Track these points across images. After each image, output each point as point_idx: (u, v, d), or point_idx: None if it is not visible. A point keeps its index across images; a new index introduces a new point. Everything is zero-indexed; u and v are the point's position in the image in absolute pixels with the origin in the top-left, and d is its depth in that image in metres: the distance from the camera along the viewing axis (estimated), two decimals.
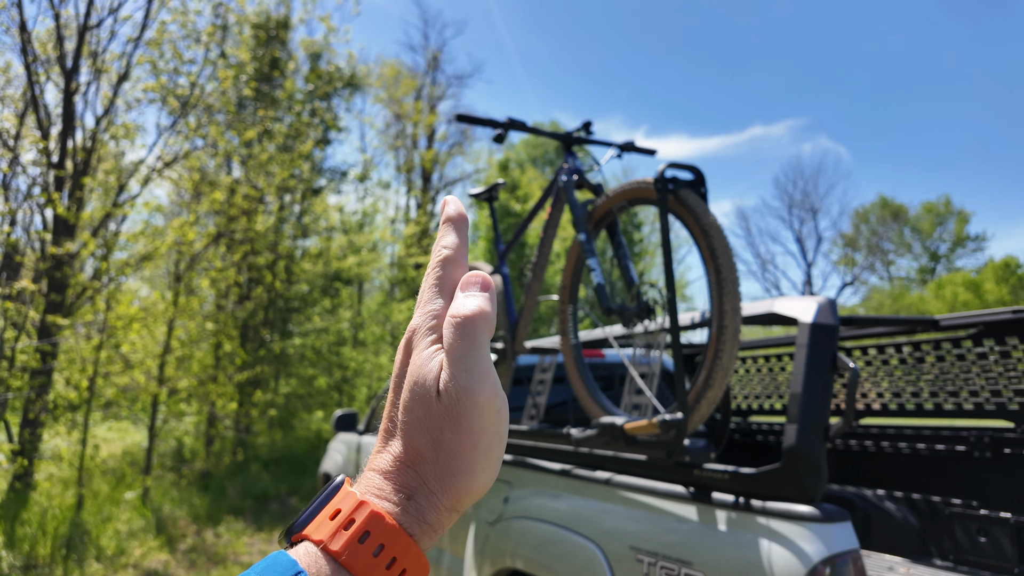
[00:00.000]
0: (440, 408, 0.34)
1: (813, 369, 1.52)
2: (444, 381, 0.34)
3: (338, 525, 0.32)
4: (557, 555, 2.01)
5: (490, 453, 0.34)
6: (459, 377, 0.34)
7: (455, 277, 0.38)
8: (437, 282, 0.38)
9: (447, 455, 0.33)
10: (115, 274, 6.01)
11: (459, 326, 0.34)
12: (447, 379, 0.34)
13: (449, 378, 0.34)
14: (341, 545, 0.31)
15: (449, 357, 0.34)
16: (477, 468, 0.34)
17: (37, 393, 5.89)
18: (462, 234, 0.40)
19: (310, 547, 0.32)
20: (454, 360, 0.34)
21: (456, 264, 0.38)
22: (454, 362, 0.34)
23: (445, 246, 0.39)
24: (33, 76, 6.94)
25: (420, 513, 0.33)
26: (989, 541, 2.24)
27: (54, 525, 5.35)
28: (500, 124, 2.11)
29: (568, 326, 2.11)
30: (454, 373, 0.34)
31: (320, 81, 9.70)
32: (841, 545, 1.42)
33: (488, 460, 0.34)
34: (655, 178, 1.63)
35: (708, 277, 1.54)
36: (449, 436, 0.33)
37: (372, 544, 0.31)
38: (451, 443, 0.33)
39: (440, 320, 0.36)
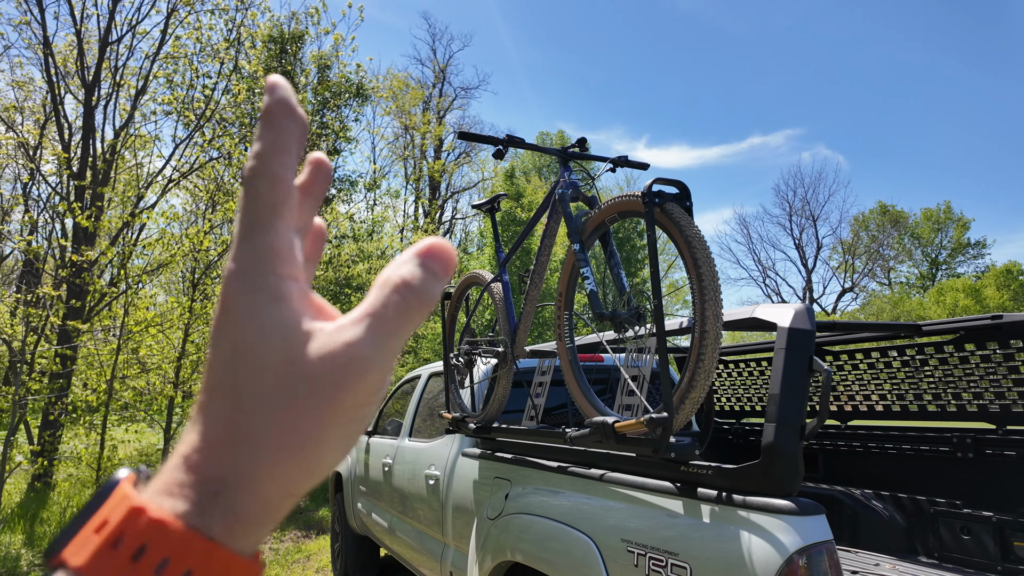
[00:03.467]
0: (301, 372, 0.26)
1: (789, 371, 1.62)
2: (336, 344, 0.26)
3: (102, 542, 0.24)
4: (555, 549, 2.11)
5: (351, 434, 0.27)
6: (365, 346, 0.26)
7: (274, 198, 0.28)
8: (248, 213, 0.27)
9: (290, 431, 0.25)
10: (132, 281, 6.20)
11: (404, 297, 0.27)
12: (345, 342, 0.26)
13: (349, 343, 0.26)
14: (105, 569, 0.23)
15: (372, 321, 0.27)
16: (328, 449, 0.26)
17: (57, 396, 6.08)
18: (286, 133, 0.29)
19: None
20: (373, 326, 0.26)
21: (275, 181, 0.28)
22: (372, 328, 0.26)
23: (256, 154, 0.28)
24: (56, 89, 7.19)
25: (232, 508, 0.25)
26: (972, 539, 2.33)
27: None
28: (499, 141, 2.24)
29: (564, 331, 2.23)
30: (363, 340, 0.26)
31: (329, 92, 9.91)
32: (816, 536, 1.51)
33: (346, 442, 0.27)
34: (642, 192, 1.75)
35: (691, 285, 1.65)
36: (302, 408, 0.25)
37: (151, 561, 0.23)
38: (302, 417, 0.25)
39: (274, 265, 0.27)
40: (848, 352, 2.72)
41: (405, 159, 18.44)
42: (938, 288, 27.35)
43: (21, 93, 8.48)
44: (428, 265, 0.28)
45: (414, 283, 0.27)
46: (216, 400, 0.26)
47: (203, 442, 0.26)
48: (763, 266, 34.03)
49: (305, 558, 5.45)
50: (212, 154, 7.57)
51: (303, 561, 5.36)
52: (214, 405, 0.26)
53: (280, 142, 0.28)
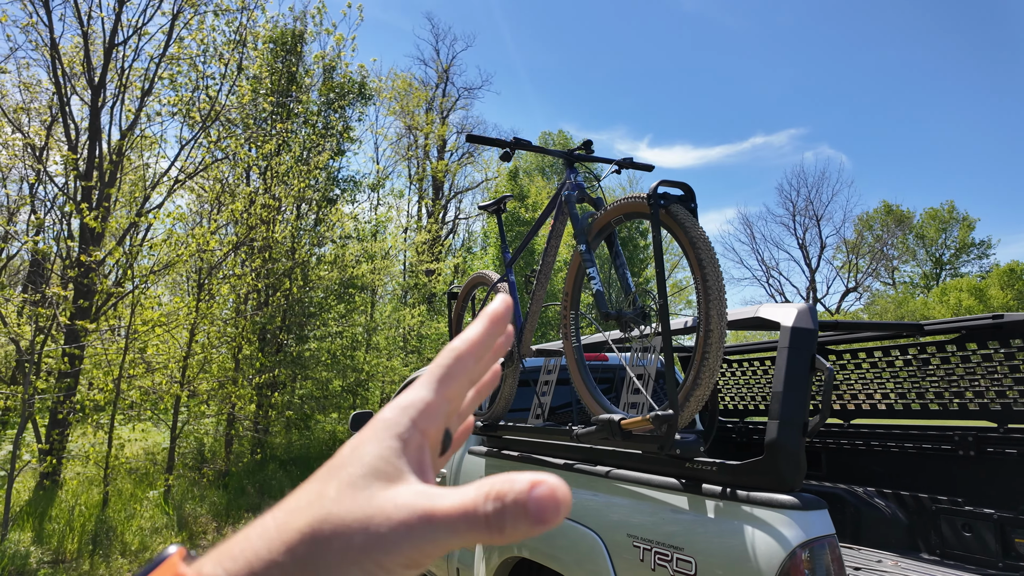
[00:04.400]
0: (367, 506, 0.27)
1: (792, 369, 1.66)
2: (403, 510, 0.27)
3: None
4: (561, 544, 2.15)
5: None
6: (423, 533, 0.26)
7: (456, 371, 0.32)
8: (438, 371, 0.32)
9: (332, 543, 0.26)
10: (139, 281, 6.26)
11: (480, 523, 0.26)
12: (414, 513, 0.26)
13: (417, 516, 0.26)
14: None
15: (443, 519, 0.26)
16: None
17: (65, 395, 6.13)
18: (492, 335, 0.33)
19: None
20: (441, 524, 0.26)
21: (465, 361, 0.32)
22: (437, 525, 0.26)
23: (462, 337, 0.33)
24: (62, 91, 7.24)
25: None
26: (974, 536, 2.35)
27: (81, 522, 5.57)
28: (506, 144, 2.28)
29: (570, 330, 2.26)
30: (424, 521, 0.26)
31: (334, 93, 9.97)
32: (818, 530, 1.54)
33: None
34: (648, 194, 1.78)
35: (696, 285, 1.69)
36: (355, 533, 0.26)
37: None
38: (348, 541, 0.26)
39: (419, 415, 0.30)
40: (851, 351, 2.75)
41: (408, 159, 18.53)
42: (942, 288, 27.32)
43: (28, 95, 8.55)
44: (526, 506, 0.25)
45: (496, 512, 0.26)
46: (311, 484, 0.29)
47: (277, 512, 0.28)
48: (767, 266, 34.11)
49: None
50: (217, 155, 7.62)
51: None
52: (305, 490, 0.28)
53: (487, 338, 0.34)
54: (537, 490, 0.25)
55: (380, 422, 0.30)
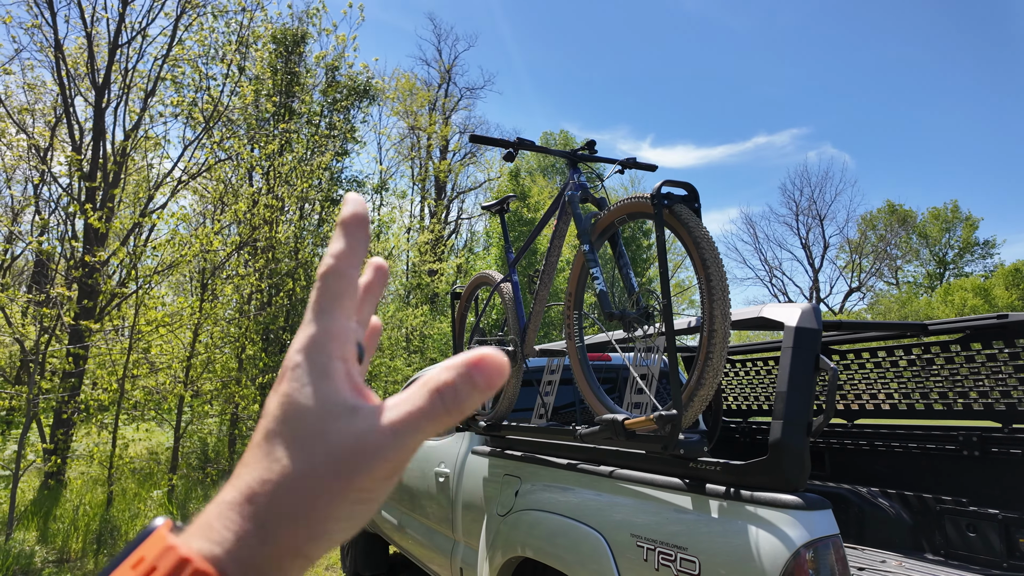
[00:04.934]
0: (325, 446, 0.28)
1: (796, 369, 1.66)
2: (362, 427, 0.28)
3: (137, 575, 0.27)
4: (565, 544, 2.15)
5: (358, 514, 0.29)
6: (386, 436, 0.28)
7: (339, 290, 0.32)
8: (324, 296, 0.32)
9: (302, 498, 0.28)
10: (144, 281, 6.28)
11: (436, 402, 0.28)
12: (370, 427, 0.28)
13: (373, 429, 0.28)
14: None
15: (400, 414, 0.28)
16: (333, 522, 0.28)
17: (69, 395, 6.16)
18: (355, 240, 0.33)
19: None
20: (400, 420, 0.28)
21: (341, 277, 0.32)
22: (398, 421, 0.28)
23: (331, 254, 0.33)
24: (67, 92, 7.27)
25: (246, 558, 0.27)
26: (978, 536, 2.35)
27: (85, 521, 5.59)
28: (510, 144, 2.28)
29: (574, 330, 2.26)
30: (387, 429, 0.28)
31: (338, 94, 9.98)
32: (822, 530, 1.54)
33: (352, 521, 0.29)
34: (652, 194, 1.79)
35: (700, 285, 1.69)
36: (317, 479, 0.28)
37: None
38: (315, 487, 0.28)
39: (331, 345, 0.31)
40: (855, 351, 2.74)
41: (411, 160, 18.55)
42: (946, 288, 27.25)
43: (32, 95, 8.58)
44: (473, 377, 0.29)
45: (452, 391, 0.28)
46: (253, 455, 0.29)
47: (232, 493, 0.28)
48: (769, 266, 34.11)
49: None
50: (219, 155, 7.64)
51: None
52: (251, 460, 0.29)
53: (351, 247, 0.33)
54: (480, 363, 0.29)
55: (297, 368, 0.30)
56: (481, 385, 0.29)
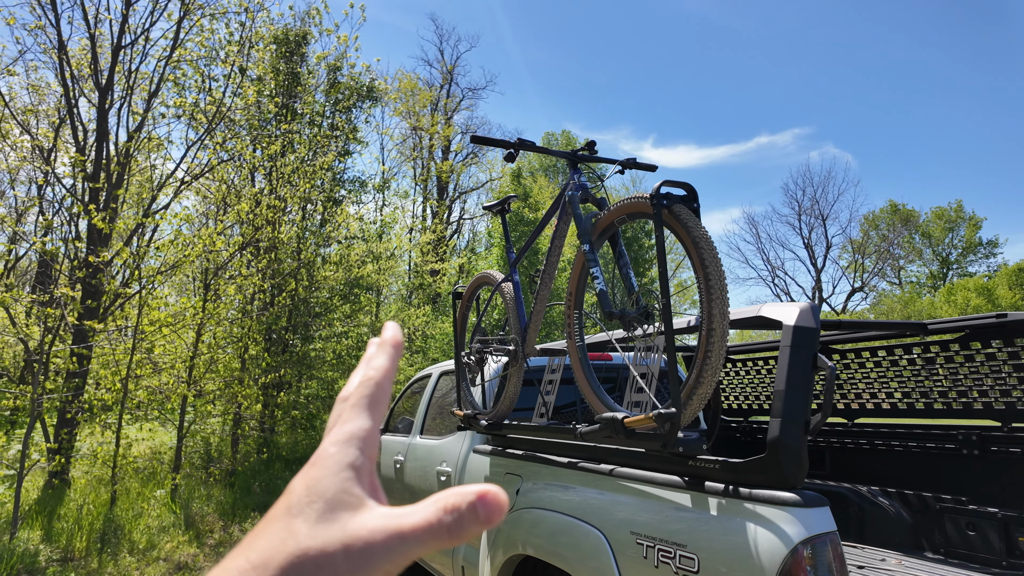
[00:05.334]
0: (354, 533, 0.30)
1: (795, 368, 1.67)
2: (374, 530, 0.30)
3: None
4: (566, 542, 2.16)
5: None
6: (411, 537, 0.30)
7: (378, 398, 0.36)
8: (365, 401, 0.35)
9: (320, 570, 0.29)
10: (148, 281, 6.31)
11: (444, 523, 0.30)
12: (381, 529, 0.30)
13: (384, 533, 0.30)
14: None
15: (417, 520, 0.30)
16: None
17: (74, 395, 6.19)
18: (394, 361, 0.39)
19: None
20: (420, 527, 0.30)
21: (381, 388, 0.36)
22: (418, 528, 0.30)
23: (376, 368, 0.37)
24: (70, 93, 7.31)
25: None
26: (978, 535, 2.36)
27: (89, 520, 5.62)
28: (511, 144, 2.30)
29: (574, 330, 2.28)
30: (395, 539, 0.30)
31: (340, 95, 10.02)
32: (820, 527, 1.56)
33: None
34: (651, 194, 1.80)
35: (699, 285, 1.70)
36: (343, 558, 0.29)
37: None
38: (338, 566, 0.29)
39: (362, 444, 0.33)
40: (855, 351, 2.75)
41: (413, 160, 18.60)
42: (949, 288, 27.19)
43: (35, 97, 8.62)
44: (476, 508, 0.31)
45: (458, 515, 0.31)
46: (272, 527, 0.31)
47: (243, 560, 0.30)
48: (772, 266, 34.07)
49: None
50: (222, 156, 7.68)
51: None
52: (268, 531, 0.31)
53: (392, 366, 0.39)
54: (485, 497, 0.31)
55: (330, 457, 0.33)
56: (481, 517, 0.31)
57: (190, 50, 7.89)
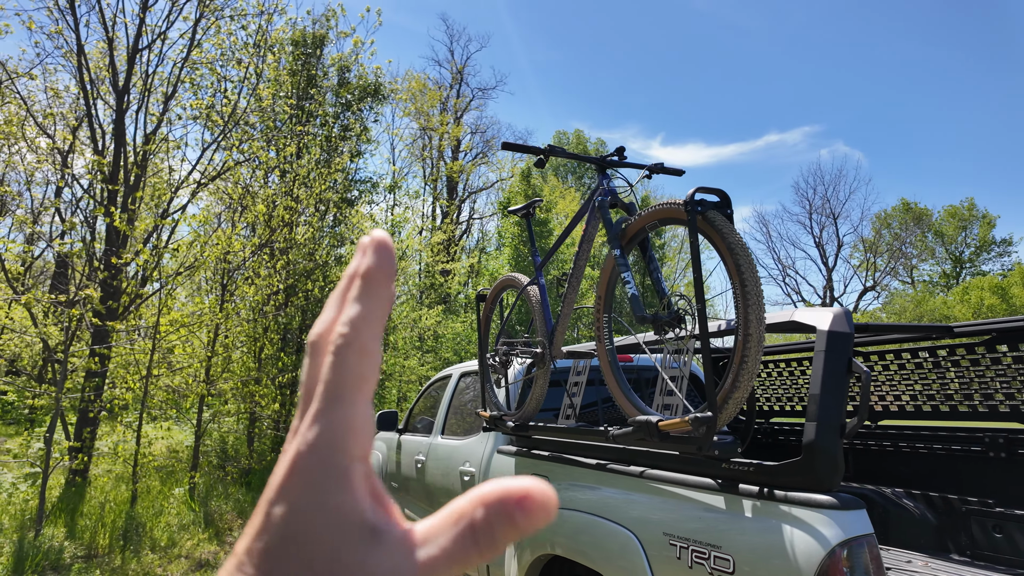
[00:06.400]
0: None
1: (829, 372, 1.69)
2: (385, 563, 0.23)
3: None
4: (595, 542, 2.19)
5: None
6: (437, 570, 0.23)
7: (360, 371, 0.25)
8: (331, 384, 0.25)
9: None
10: (167, 281, 6.39)
11: (475, 536, 0.23)
12: (423, 561, 0.23)
13: (425, 564, 0.23)
14: None
15: (442, 545, 0.24)
16: None
17: (95, 394, 6.28)
18: (380, 301, 0.26)
19: None
20: (447, 552, 0.23)
21: (364, 353, 0.25)
22: (445, 554, 0.23)
23: (348, 321, 0.26)
24: (88, 96, 7.40)
25: None
26: (1004, 537, 2.37)
27: (111, 518, 5.71)
28: (541, 151, 2.34)
29: (603, 332, 2.31)
30: (436, 564, 0.23)
31: (350, 95, 10.08)
32: (857, 530, 1.57)
33: None
34: (685, 201, 1.83)
35: (734, 290, 1.73)
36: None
37: None
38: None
39: (335, 441, 0.24)
40: (879, 353, 2.77)
41: (424, 160, 18.69)
42: (963, 287, 26.99)
43: (54, 99, 8.73)
44: (514, 517, 0.23)
45: (487, 531, 0.23)
46: (248, 565, 0.23)
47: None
48: (783, 265, 34.03)
49: None
50: (237, 158, 7.75)
51: None
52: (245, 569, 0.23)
53: (374, 312, 0.26)
54: (521, 502, 0.23)
55: (311, 474, 0.24)
56: (522, 526, 0.23)
57: (206, 50, 7.96)
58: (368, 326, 0.25)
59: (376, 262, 0.27)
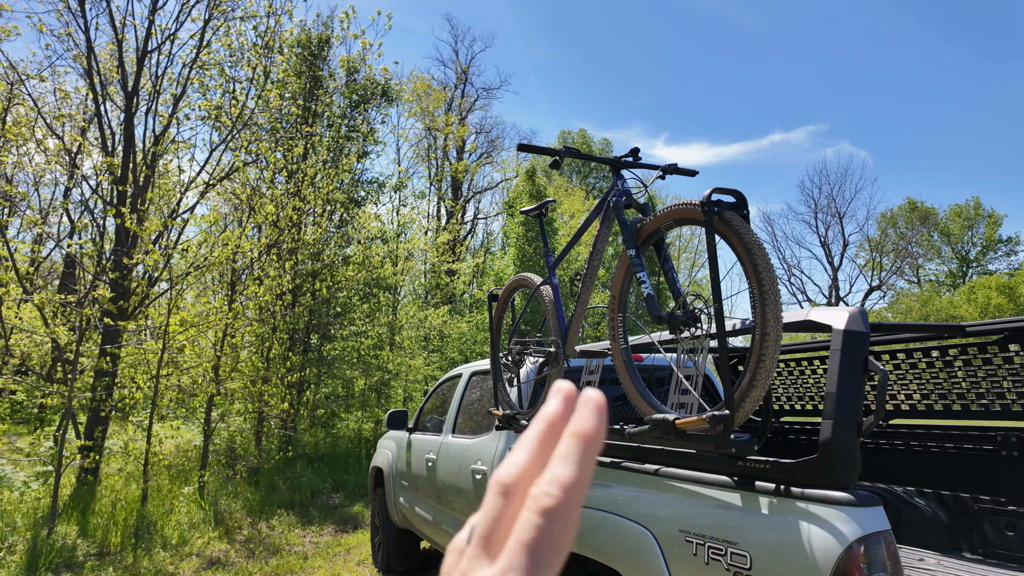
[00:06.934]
0: None
1: (846, 372, 1.71)
2: None
3: None
4: (611, 539, 2.21)
5: None
6: None
7: (562, 541, 0.25)
8: (532, 552, 0.24)
9: None
10: (177, 282, 6.44)
11: None
12: None
13: None
14: None
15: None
16: None
17: (106, 393, 6.33)
18: (591, 468, 0.26)
19: None
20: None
21: (567, 522, 0.25)
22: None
23: (562, 486, 0.25)
24: (98, 98, 7.46)
25: None
26: (1017, 535, 2.38)
27: (123, 516, 5.76)
28: (557, 152, 2.36)
29: (618, 332, 2.33)
30: None
31: (357, 95, 10.13)
32: (874, 526, 1.59)
33: None
34: (702, 201, 1.85)
35: (751, 290, 1.75)
36: None
37: None
38: None
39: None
40: (889, 352, 2.78)
41: (429, 160, 18.75)
42: (970, 286, 26.91)
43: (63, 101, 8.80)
44: None
45: None
46: None
47: None
48: (788, 264, 33.91)
49: (345, 551, 5.62)
50: (244, 158, 7.80)
51: (343, 554, 5.54)
52: None
53: (586, 480, 0.25)
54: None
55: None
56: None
57: (215, 50, 8.01)
58: (579, 495, 0.25)
59: (597, 427, 0.25)
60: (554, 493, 0.24)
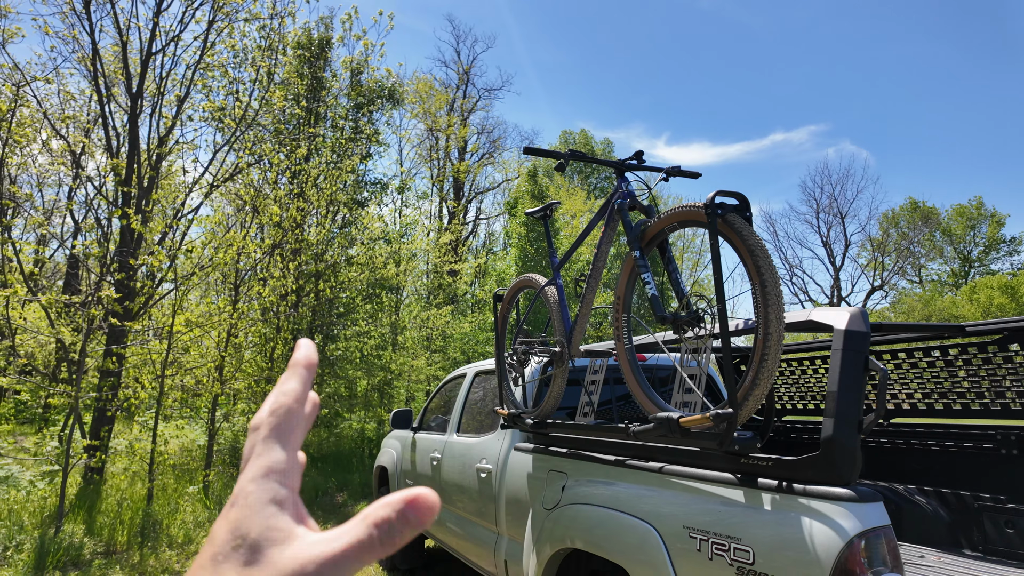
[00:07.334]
0: (272, 569, 0.29)
1: (847, 370, 1.74)
2: (305, 555, 0.30)
3: None
4: (616, 535, 2.25)
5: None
6: (325, 566, 0.30)
7: (291, 425, 0.35)
8: (275, 431, 0.35)
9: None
10: (182, 282, 6.48)
11: (372, 535, 0.30)
12: (312, 557, 0.30)
13: (314, 558, 0.30)
14: None
15: (339, 546, 0.30)
16: None
17: (112, 393, 6.38)
18: (307, 381, 0.38)
19: None
20: (339, 553, 0.30)
21: (293, 413, 0.36)
22: (337, 555, 0.30)
23: (284, 392, 0.36)
24: (103, 99, 7.50)
25: None
26: (1016, 533, 2.41)
27: (129, 515, 5.80)
28: (562, 155, 2.40)
29: (623, 332, 2.37)
30: (326, 560, 0.30)
31: (361, 97, 10.17)
32: (875, 521, 1.63)
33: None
34: (705, 203, 1.88)
35: (754, 291, 1.78)
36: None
37: None
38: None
39: (281, 476, 0.33)
40: (891, 352, 2.82)
41: (431, 161, 18.80)
42: (972, 286, 26.90)
43: (67, 102, 8.85)
44: (406, 514, 0.31)
45: (387, 525, 0.31)
46: (200, 573, 0.30)
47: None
48: (790, 264, 33.93)
49: None
50: (248, 159, 7.84)
51: None
52: None
53: (303, 387, 0.38)
54: (415, 501, 0.31)
55: (249, 495, 0.32)
56: (413, 522, 0.31)
57: (219, 51, 8.06)
58: (298, 395, 0.37)
59: (304, 355, 0.39)
60: (280, 398, 0.37)
